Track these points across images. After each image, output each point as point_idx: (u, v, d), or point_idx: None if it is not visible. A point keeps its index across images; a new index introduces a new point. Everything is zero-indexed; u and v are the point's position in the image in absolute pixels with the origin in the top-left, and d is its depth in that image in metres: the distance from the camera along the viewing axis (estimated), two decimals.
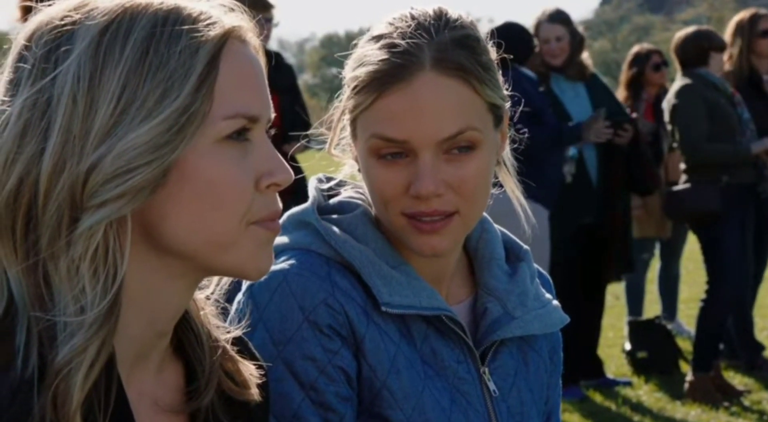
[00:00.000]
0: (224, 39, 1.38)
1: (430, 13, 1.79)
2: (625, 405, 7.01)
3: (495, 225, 1.98)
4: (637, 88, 8.60)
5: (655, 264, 9.29)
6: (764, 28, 7.44)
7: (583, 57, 7.27)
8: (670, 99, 7.16)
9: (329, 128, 1.89)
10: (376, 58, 1.75)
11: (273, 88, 1.47)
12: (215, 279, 1.53)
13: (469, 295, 1.94)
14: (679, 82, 7.20)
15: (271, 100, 1.45)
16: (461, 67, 1.75)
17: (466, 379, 1.85)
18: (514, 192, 1.94)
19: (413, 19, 1.78)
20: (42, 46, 1.35)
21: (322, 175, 1.95)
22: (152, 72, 1.33)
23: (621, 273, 7.47)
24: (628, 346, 8.07)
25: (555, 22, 7.15)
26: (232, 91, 1.38)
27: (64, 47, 1.34)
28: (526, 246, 2.00)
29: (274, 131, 1.48)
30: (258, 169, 1.40)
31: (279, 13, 6.77)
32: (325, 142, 1.92)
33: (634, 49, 8.93)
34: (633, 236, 7.74)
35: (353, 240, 1.82)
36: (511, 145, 1.93)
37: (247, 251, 1.40)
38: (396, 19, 1.80)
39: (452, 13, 1.80)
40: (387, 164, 1.76)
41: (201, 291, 1.52)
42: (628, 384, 7.50)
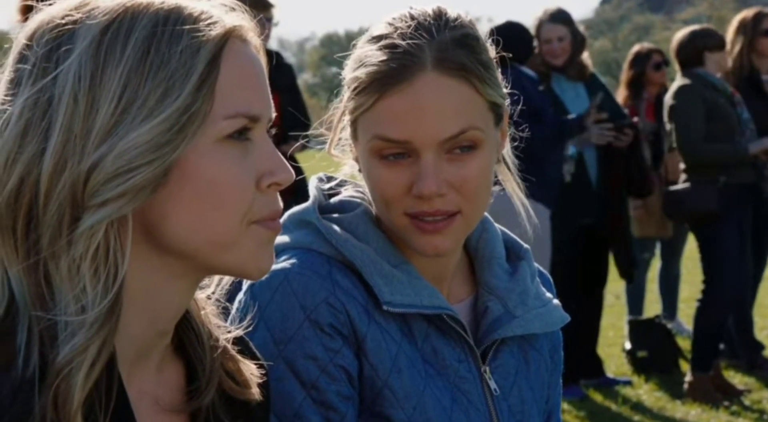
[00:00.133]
0: (225, 38, 1.38)
1: (430, 12, 1.79)
2: (625, 405, 7.01)
3: (495, 224, 1.98)
4: (638, 87, 8.61)
5: (656, 264, 9.29)
6: (767, 27, 7.44)
7: (584, 57, 7.27)
8: (668, 99, 7.17)
9: (329, 129, 1.89)
10: (377, 58, 1.75)
11: (273, 87, 1.47)
12: (216, 279, 1.53)
13: (469, 294, 1.94)
14: (678, 83, 7.21)
15: (272, 99, 1.45)
16: (462, 66, 1.75)
17: (467, 378, 1.85)
18: (515, 191, 1.94)
19: (413, 19, 1.78)
20: (43, 45, 1.35)
21: (323, 174, 1.95)
22: (153, 71, 1.33)
23: (626, 272, 7.46)
24: (628, 345, 8.08)
25: (557, 22, 7.14)
26: (233, 90, 1.38)
27: (65, 47, 1.34)
28: (526, 245, 2.00)
29: (274, 130, 1.48)
30: (259, 168, 1.40)
31: (279, 13, 6.77)
32: (325, 142, 1.92)
33: (635, 49, 8.93)
34: (633, 236, 7.75)
35: (354, 239, 1.82)
36: (512, 143, 1.93)
37: (248, 251, 1.40)
38: (396, 19, 1.79)
39: (451, 13, 1.80)
40: (389, 164, 1.76)
41: (202, 291, 1.52)
42: (628, 384, 7.50)
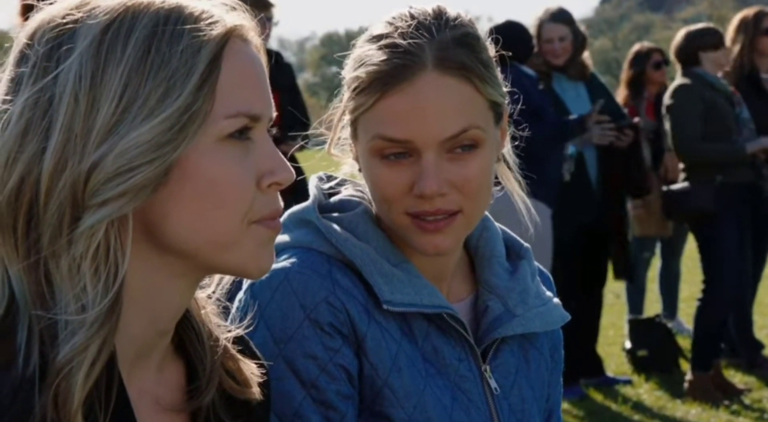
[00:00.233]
0: (226, 38, 1.38)
1: (430, 12, 1.79)
2: (626, 404, 7.01)
3: (496, 223, 1.98)
4: (638, 86, 8.61)
5: (656, 263, 9.29)
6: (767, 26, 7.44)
7: (584, 56, 7.27)
8: (666, 99, 7.19)
9: (329, 128, 1.89)
10: (378, 58, 1.75)
11: (273, 87, 1.47)
12: (216, 278, 1.53)
13: (470, 293, 1.94)
14: (675, 82, 7.23)
15: (272, 98, 1.45)
16: (463, 66, 1.75)
17: (468, 377, 1.85)
18: (515, 189, 1.94)
19: (413, 18, 1.78)
20: (44, 44, 1.35)
21: (323, 173, 1.95)
22: (154, 71, 1.33)
23: (621, 273, 7.47)
24: (628, 345, 8.08)
25: (558, 21, 7.14)
26: (233, 90, 1.37)
27: (66, 46, 1.34)
28: (526, 244, 2.00)
29: (275, 130, 1.48)
30: (259, 168, 1.40)
31: (279, 12, 6.77)
32: (324, 142, 1.92)
33: (635, 48, 8.93)
34: (630, 237, 7.75)
35: (354, 238, 1.82)
36: (513, 143, 1.93)
37: (249, 250, 1.40)
38: (396, 19, 1.79)
39: (451, 12, 1.80)
40: (390, 164, 1.76)
41: (202, 290, 1.52)
42: (629, 383, 7.50)
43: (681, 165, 7.24)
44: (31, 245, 1.32)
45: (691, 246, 7.68)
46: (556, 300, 1.99)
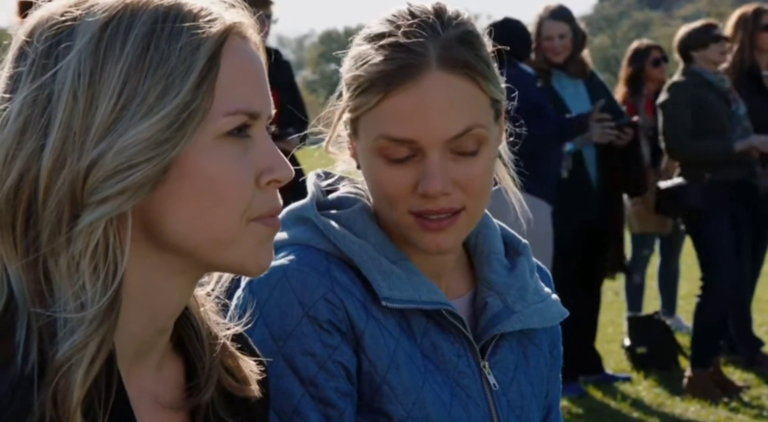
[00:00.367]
0: (225, 35, 1.38)
1: (430, 10, 1.79)
2: (625, 401, 7.01)
3: (494, 220, 1.98)
4: (637, 84, 8.61)
5: (655, 260, 9.29)
6: (767, 23, 7.43)
7: (584, 54, 7.27)
8: (660, 96, 7.21)
9: (326, 125, 1.89)
10: (381, 57, 1.75)
11: (272, 84, 1.47)
12: (215, 276, 1.53)
13: (468, 289, 1.94)
14: (671, 80, 7.26)
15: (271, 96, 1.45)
16: (467, 64, 1.75)
17: (467, 373, 1.86)
18: (509, 186, 1.94)
19: (414, 16, 1.77)
20: (42, 42, 1.35)
21: (321, 170, 1.95)
22: (153, 68, 1.33)
23: (615, 272, 7.47)
24: (627, 342, 8.08)
25: (558, 19, 7.14)
26: (232, 87, 1.37)
27: (65, 43, 1.34)
28: (525, 241, 2.00)
29: (273, 127, 1.48)
30: (258, 165, 1.40)
31: (278, 10, 6.76)
32: (321, 140, 1.91)
33: (634, 45, 8.94)
34: (626, 235, 7.76)
35: (352, 235, 1.82)
36: (514, 141, 1.93)
37: (248, 248, 1.40)
38: (397, 17, 1.79)
39: (452, 10, 1.80)
40: (394, 163, 1.76)
41: (201, 288, 1.52)
42: (628, 380, 7.51)
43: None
44: (30, 242, 1.32)
45: (690, 243, 7.68)
46: (555, 296, 1.99)
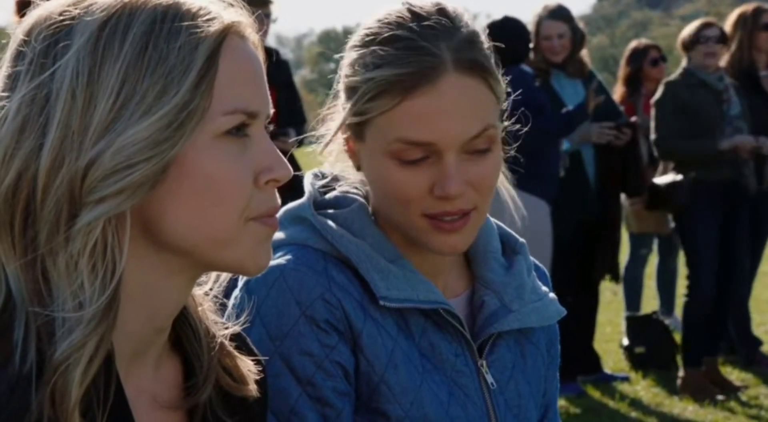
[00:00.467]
0: (224, 35, 1.38)
1: (434, 10, 1.77)
2: (623, 401, 7.02)
3: (491, 219, 1.98)
4: (636, 83, 8.61)
5: (653, 260, 9.29)
6: (766, 22, 7.44)
7: (582, 54, 7.27)
8: (654, 95, 7.26)
9: (322, 124, 1.88)
10: (398, 60, 1.73)
11: (271, 84, 1.47)
12: (213, 275, 1.53)
13: (466, 288, 1.94)
14: (665, 79, 7.32)
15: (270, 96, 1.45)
16: (479, 65, 1.76)
17: (464, 372, 1.86)
18: (503, 183, 1.94)
19: (422, 17, 1.76)
20: (41, 41, 1.35)
21: (318, 170, 1.95)
22: (151, 67, 1.33)
23: (608, 273, 7.47)
24: (625, 341, 8.08)
25: (557, 18, 7.14)
26: (231, 86, 1.37)
27: (63, 42, 1.34)
28: (522, 239, 2.00)
29: (272, 126, 1.48)
30: (257, 165, 1.40)
31: (277, 9, 6.75)
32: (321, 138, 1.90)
33: (632, 45, 8.94)
34: (624, 235, 7.77)
35: (349, 235, 1.82)
36: (516, 140, 1.92)
37: (246, 248, 1.40)
38: (403, 18, 1.76)
39: (454, 9, 1.80)
40: (409, 165, 1.75)
41: (199, 287, 1.52)
42: (626, 380, 7.51)
43: None
44: (28, 242, 1.32)
45: None
46: (552, 295, 1.99)
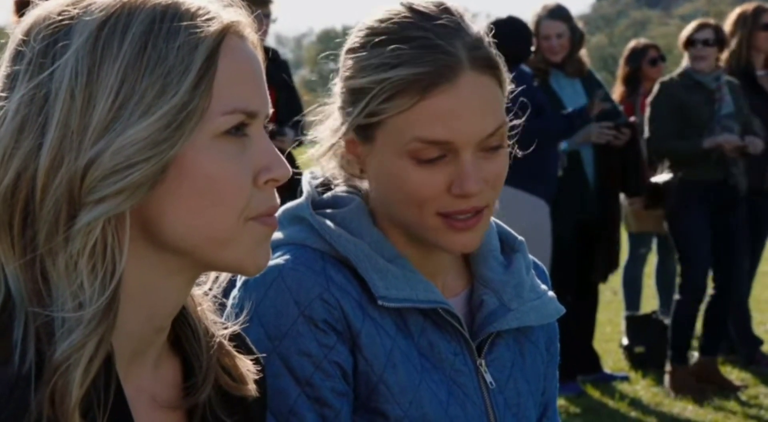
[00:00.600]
0: (223, 34, 1.37)
1: (442, 9, 1.77)
2: (623, 400, 7.02)
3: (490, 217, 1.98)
4: (635, 83, 8.61)
5: (653, 259, 9.29)
6: (766, 22, 7.44)
7: (581, 53, 7.27)
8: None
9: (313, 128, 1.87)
10: (416, 59, 1.73)
11: (270, 83, 1.46)
12: (212, 275, 1.53)
13: (465, 287, 1.94)
14: (660, 79, 7.37)
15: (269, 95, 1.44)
16: (492, 63, 1.77)
17: (463, 371, 1.86)
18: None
19: (431, 17, 1.76)
20: (39, 41, 1.35)
21: (316, 169, 1.94)
22: (151, 67, 1.33)
23: (607, 274, 7.48)
24: (625, 341, 8.09)
25: (556, 18, 7.14)
26: (230, 86, 1.37)
27: (62, 42, 1.33)
28: (520, 237, 2.00)
29: (271, 126, 1.48)
30: (256, 164, 1.40)
31: (276, 9, 6.74)
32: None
33: (631, 44, 8.95)
34: (623, 235, 7.78)
35: (348, 234, 1.82)
36: (518, 140, 1.92)
37: (246, 247, 1.40)
38: (412, 18, 1.76)
39: (457, 9, 1.80)
40: (424, 164, 1.75)
41: (199, 287, 1.52)
42: (626, 379, 7.52)
43: None
44: (28, 242, 1.32)
45: None
46: (551, 293, 1.99)
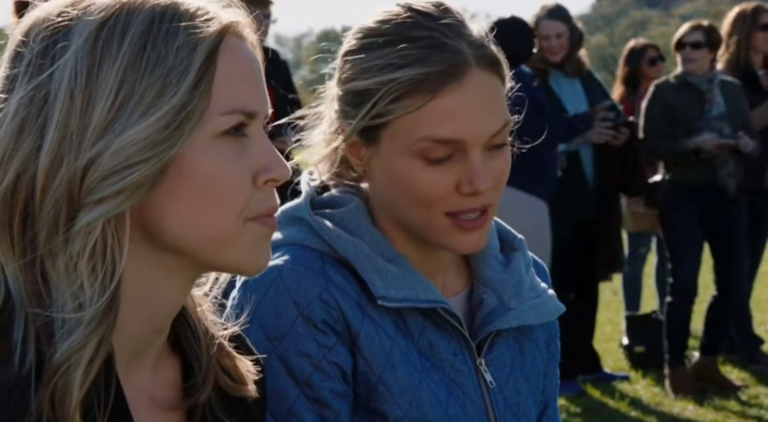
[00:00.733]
0: (222, 35, 1.37)
1: (443, 9, 1.77)
2: (623, 400, 7.02)
3: None
4: (634, 83, 8.61)
5: (652, 259, 9.29)
6: (765, 22, 7.43)
7: (581, 53, 7.27)
8: None
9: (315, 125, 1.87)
10: (424, 58, 1.73)
11: (269, 83, 1.47)
12: (212, 276, 1.53)
13: (464, 286, 1.94)
14: (655, 80, 7.39)
15: (268, 96, 1.45)
16: (496, 61, 1.77)
17: (463, 371, 1.86)
18: None
19: (433, 17, 1.76)
20: (39, 42, 1.35)
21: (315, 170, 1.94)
22: (150, 68, 1.33)
23: (610, 273, 7.48)
24: (625, 341, 8.09)
25: (555, 18, 7.14)
26: (229, 87, 1.37)
27: (61, 43, 1.33)
28: (520, 236, 2.00)
29: (270, 126, 1.48)
30: (255, 164, 1.40)
31: (276, 9, 6.74)
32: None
33: (630, 45, 8.95)
34: (622, 235, 7.78)
35: (347, 234, 1.82)
36: (519, 140, 1.92)
37: (245, 248, 1.40)
38: (414, 18, 1.76)
39: (457, 8, 1.80)
40: (433, 164, 1.75)
41: (198, 288, 1.52)
42: (626, 379, 7.52)
43: None
44: (27, 243, 1.32)
45: None
46: (551, 292, 1.98)
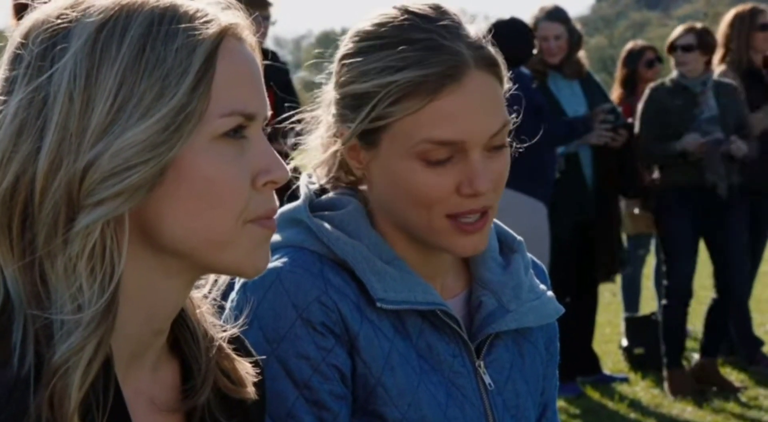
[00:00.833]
0: (221, 37, 1.38)
1: (441, 11, 1.77)
2: (622, 402, 7.02)
3: None
4: (632, 85, 8.61)
5: (651, 260, 9.29)
6: (764, 22, 7.44)
7: (580, 55, 7.27)
8: None
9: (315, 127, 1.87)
10: (423, 60, 1.73)
11: (268, 85, 1.47)
12: (211, 278, 1.53)
13: (463, 288, 1.94)
14: (651, 83, 7.41)
15: (267, 97, 1.45)
16: (494, 61, 1.77)
17: (462, 373, 1.86)
18: None
19: (431, 18, 1.76)
20: (38, 44, 1.35)
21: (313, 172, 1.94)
22: (149, 70, 1.33)
23: (611, 274, 7.49)
24: (624, 342, 8.09)
25: (554, 20, 7.14)
26: (228, 89, 1.37)
27: (61, 45, 1.34)
28: (519, 237, 2.00)
29: (269, 128, 1.48)
30: (254, 166, 1.40)
31: (275, 11, 6.74)
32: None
33: (628, 46, 8.95)
34: (621, 236, 7.80)
35: (345, 236, 1.81)
36: (519, 142, 1.92)
37: (244, 250, 1.40)
38: (411, 20, 1.76)
39: (453, 9, 1.80)
40: (434, 165, 1.75)
41: (198, 290, 1.51)
42: (625, 380, 7.52)
43: None
44: (26, 245, 1.32)
45: None
46: (550, 293, 1.98)
